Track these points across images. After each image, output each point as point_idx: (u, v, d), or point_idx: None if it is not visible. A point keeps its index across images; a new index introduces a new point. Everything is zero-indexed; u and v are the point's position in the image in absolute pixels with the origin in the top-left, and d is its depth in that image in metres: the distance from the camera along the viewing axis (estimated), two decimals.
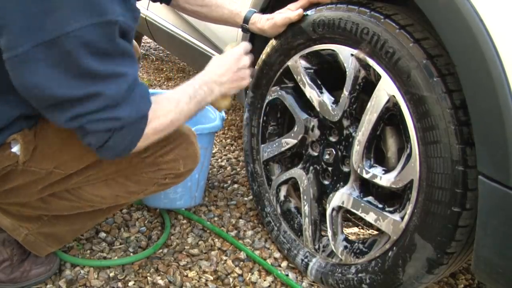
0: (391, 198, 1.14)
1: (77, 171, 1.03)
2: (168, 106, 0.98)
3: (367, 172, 1.09)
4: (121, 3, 0.82)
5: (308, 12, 1.19)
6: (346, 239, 1.22)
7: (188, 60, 2.51)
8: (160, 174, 1.12)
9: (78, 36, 0.75)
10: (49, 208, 1.10)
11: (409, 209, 1.01)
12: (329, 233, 1.22)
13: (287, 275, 1.33)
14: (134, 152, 0.96)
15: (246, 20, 1.29)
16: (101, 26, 0.77)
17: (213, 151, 2.05)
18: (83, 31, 0.75)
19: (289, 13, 1.22)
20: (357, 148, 1.10)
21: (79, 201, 1.09)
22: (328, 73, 1.24)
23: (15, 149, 0.95)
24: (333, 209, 1.20)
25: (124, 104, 0.85)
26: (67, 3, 0.74)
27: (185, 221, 1.55)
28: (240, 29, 1.35)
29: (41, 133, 0.98)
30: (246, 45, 1.19)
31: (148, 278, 1.28)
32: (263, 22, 1.27)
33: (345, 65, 1.10)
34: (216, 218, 1.58)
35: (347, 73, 1.10)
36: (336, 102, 1.16)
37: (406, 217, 1.01)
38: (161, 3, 1.34)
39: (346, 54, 1.09)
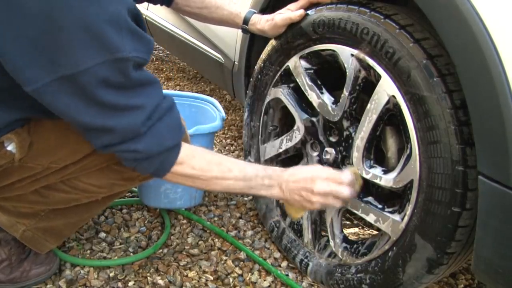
0: (391, 199, 1.14)
1: (73, 162, 1.04)
2: (213, 168, 1.00)
3: (367, 173, 1.09)
4: (133, 38, 0.83)
5: (308, 12, 1.19)
6: (346, 239, 1.22)
7: (188, 60, 2.51)
8: None
9: (92, 72, 0.78)
10: (46, 202, 1.10)
11: (409, 209, 1.01)
12: (329, 233, 1.22)
13: (287, 275, 1.33)
14: None
15: (246, 21, 1.29)
16: (114, 63, 0.80)
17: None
18: (97, 68, 0.78)
19: (290, 13, 1.22)
20: (357, 148, 1.10)
21: (76, 192, 1.09)
22: (328, 73, 1.24)
23: (11, 147, 0.96)
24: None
25: (144, 136, 0.89)
26: (79, 42, 0.76)
27: (185, 221, 1.55)
28: (240, 30, 1.35)
29: (36, 129, 0.98)
30: (348, 177, 1.06)
31: (148, 278, 1.28)
32: (263, 23, 1.27)
33: (345, 65, 1.10)
34: (216, 218, 1.58)
35: (347, 73, 1.10)
36: (336, 102, 1.16)
37: (406, 217, 1.01)
38: (161, 5, 1.34)
39: (346, 54, 1.09)
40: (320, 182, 1.03)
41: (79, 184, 1.09)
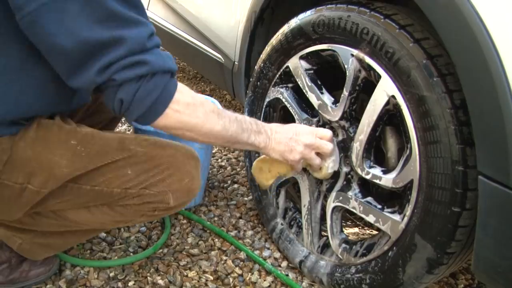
0: (391, 199, 1.14)
1: (53, 193, 0.97)
2: (210, 106, 0.96)
3: (367, 173, 1.09)
4: None
5: (308, 12, 1.19)
6: (346, 239, 1.22)
7: (188, 60, 2.51)
8: (146, 207, 1.03)
9: None
10: (38, 225, 1.07)
11: (409, 209, 1.01)
12: (329, 233, 1.22)
13: (287, 275, 1.33)
14: (115, 182, 0.97)
15: None
16: None
17: (213, 151, 2.05)
18: None
19: None
20: (357, 148, 1.10)
21: (66, 222, 1.06)
22: (328, 73, 1.24)
23: None
24: (333, 209, 1.20)
25: (149, 51, 0.86)
26: None
27: (185, 221, 1.55)
28: (240, 28, 1.35)
29: (16, 144, 0.93)
30: (328, 133, 1.13)
31: (148, 278, 1.28)
32: None
33: (345, 65, 1.10)
34: (216, 218, 1.58)
35: (347, 73, 1.10)
36: (336, 102, 1.16)
37: (406, 218, 1.01)
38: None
39: (346, 54, 1.09)
40: (306, 134, 1.11)
41: (68, 217, 1.05)
